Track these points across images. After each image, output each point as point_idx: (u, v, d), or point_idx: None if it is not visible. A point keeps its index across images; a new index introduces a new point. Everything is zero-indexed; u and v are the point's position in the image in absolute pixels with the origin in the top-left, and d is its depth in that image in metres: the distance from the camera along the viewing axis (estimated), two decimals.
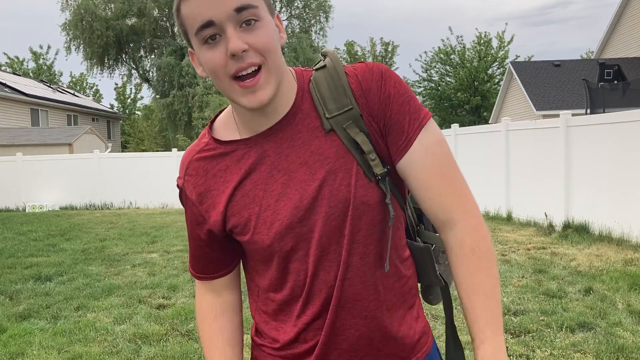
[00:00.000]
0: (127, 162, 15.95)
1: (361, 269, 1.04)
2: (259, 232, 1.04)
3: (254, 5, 0.92)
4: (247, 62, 0.92)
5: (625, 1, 20.94)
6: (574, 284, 5.18)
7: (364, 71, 1.03)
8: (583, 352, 3.63)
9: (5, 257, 7.75)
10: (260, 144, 1.03)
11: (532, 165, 8.94)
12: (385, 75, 1.02)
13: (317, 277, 1.04)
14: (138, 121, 41.43)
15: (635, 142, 6.97)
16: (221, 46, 0.92)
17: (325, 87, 1.03)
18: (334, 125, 1.01)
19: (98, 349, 4.05)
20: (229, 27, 0.91)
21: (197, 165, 1.08)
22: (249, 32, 0.92)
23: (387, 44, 38.62)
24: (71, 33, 31.08)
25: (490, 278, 1.02)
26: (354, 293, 1.04)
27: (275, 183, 1.02)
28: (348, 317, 1.05)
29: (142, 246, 8.46)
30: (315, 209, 1.01)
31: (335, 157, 1.01)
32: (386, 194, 1.01)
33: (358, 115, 1.01)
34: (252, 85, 0.94)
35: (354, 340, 1.06)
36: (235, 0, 0.90)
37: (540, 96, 21.00)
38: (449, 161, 1.03)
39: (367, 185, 1.01)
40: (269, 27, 0.94)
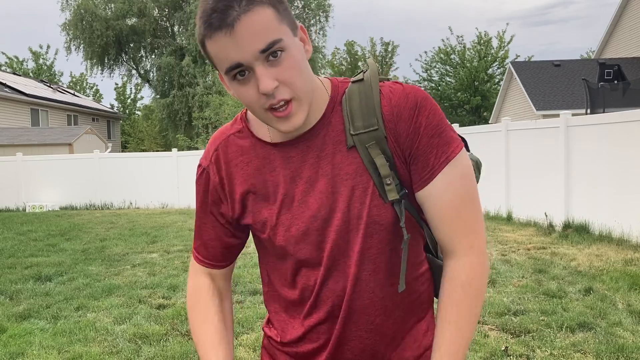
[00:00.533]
0: (127, 162, 15.95)
1: (369, 284, 1.06)
2: (277, 233, 1.07)
3: (277, 40, 0.92)
4: (278, 98, 0.94)
5: (625, 1, 20.94)
6: (574, 284, 5.18)
7: (399, 95, 1.02)
8: (583, 352, 3.63)
9: (5, 257, 7.75)
10: (286, 149, 1.06)
11: (532, 165, 8.94)
12: (420, 104, 1.01)
13: (325, 286, 1.07)
14: (138, 121, 41.42)
15: (635, 142, 6.96)
16: (252, 82, 0.94)
17: (357, 103, 1.03)
18: (356, 143, 1.02)
19: (98, 349, 4.05)
20: (257, 66, 0.92)
21: (225, 150, 1.11)
22: (276, 65, 0.93)
23: (387, 44, 38.61)
24: (71, 33, 31.08)
25: (468, 315, 1.04)
26: (361, 306, 1.07)
27: (297, 189, 1.05)
28: (354, 328, 1.08)
29: (142, 246, 8.46)
30: (331, 221, 1.04)
31: (354, 175, 1.03)
32: (400, 217, 1.02)
33: (382, 137, 1.01)
34: (285, 115, 0.96)
35: (358, 351, 1.10)
36: (259, 42, 0.91)
37: (540, 96, 21.00)
38: (468, 197, 1.04)
39: (381, 206, 1.03)
40: (294, 54, 0.95)
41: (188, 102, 29.52)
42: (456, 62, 33.49)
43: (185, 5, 30.74)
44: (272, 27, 0.91)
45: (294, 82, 0.95)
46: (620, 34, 21.63)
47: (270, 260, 1.15)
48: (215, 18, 0.90)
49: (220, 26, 0.90)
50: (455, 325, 1.02)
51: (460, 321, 1.03)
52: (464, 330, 1.03)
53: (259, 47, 0.91)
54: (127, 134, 39.77)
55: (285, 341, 1.16)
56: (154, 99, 33.57)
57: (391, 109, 1.02)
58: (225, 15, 0.90)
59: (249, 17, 0.90)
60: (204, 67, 29.52)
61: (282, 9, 0.94)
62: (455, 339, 1.02)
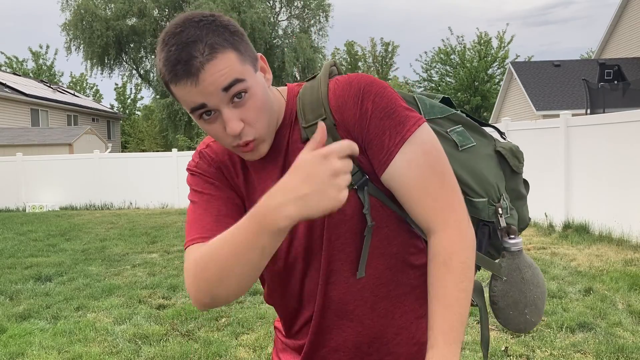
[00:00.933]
0: (127, 162, 15.95)
1: (344, 274, 1.07)
2: None
3: (239, 79, 0.94)
4: (244, 140, 0.98)
5: (625, 1, 20.95)
6: (574, 284, 5.18)
7: (342, 85, 1.04)
8: (583, 353, 3.63)
9: (5, 257, 7.75)
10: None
11: (532, 165, 8.90)
12: (364, 90, 1.02)
13: (307, 276, 1.09)
14: (138, 121, 41.43)
15: (635, 142, 6.97)
16: (218, 121, 0.97)
17: (307, 98, 1.06)
18: (309, 135, 1.04)
19: (98, 349, 4.05)
20: (223, 108, 0.95)
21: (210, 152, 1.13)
22: (241, 106, 0.96)
23: (388, 44, 38.64)
24: (71, 33, 31.09)
25: (456, 291, 1.01)
26: (339, 297, 1.09)
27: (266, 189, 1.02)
28: (334, 318, 1.10)
29: (142, 246, 8.46)
30: None
31: None
32: (364, 204, 1.03)
33: (332, 125, 1.03)
34: (249, 149, 1.01)
35: (341, 341, 1.11)
36: (220, 81, 0.92)
37: (540, 96, 21.01)
38: (435, 172, 1.01)
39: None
40: (257, 93, 0.97)
41: None
42: (456, 62, 33.51)
43: (185, 5, 30.75)
44: (235, 69, 0.94)
45: (258, 122, 0.98)
46: (620, 34, 21.64)
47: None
48: (179, 69, 0.92)
49: (184, 76, 0.92)
50: (444, 302, 1.00)
51: (447, 297, 1.00)
52: (454, 306, 1.00)
53: (222, 85, 0.93)
54: (127, 134, 39.78)
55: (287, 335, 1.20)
56: (154, 99, 33.58)
57: (336, 100, 1.03)
58: (189, 66, 0.91)
59: (213, 65, 0.92)
60: None
61: (243, 48, 0.96)
62: (446, 316, 0.99)
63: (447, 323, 0.99)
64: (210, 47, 0.92)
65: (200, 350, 3.92)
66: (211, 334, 4.28)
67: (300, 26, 33.82)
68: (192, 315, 4.71)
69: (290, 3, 33.49)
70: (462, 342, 1.00)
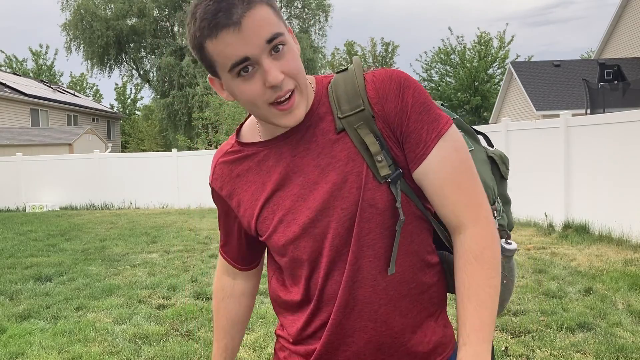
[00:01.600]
0: (127, 162, 15.95)
1: (371, 272, 1.05)
2: (278, 233, 1.09)
3: (280, 33, 0.96)
4: (285, 89, 0.97)
5: (625, 1, 20.94)
6: (574, 284, 5.18)
7: (382, 78, 1.04)
8: (583, 353, 3.63)
9: (5, 257, 7.75)
10: (278, 145, 1.08)
11: (532, 165, 8.93)
12: (404, 84, 1.03)
13: (330, 278, 1.06)
14: (138, 121, 41.44)
15: (635, 142, 6.97)
16: (257, 77, 0.96)
17: (342, 89, 1.05)
18: (345, 126, 1.03)
19: (98, 349, 4.05)
20: (264, 59, 0.95)
21: (223, 167, 1.16)
22: (279, 59, 0.96)
23: (388, 44, 38.64)
24: (71, 33, 31.10)
25: (488, 287, 1.00)
26: (364, 296, 1.05)
27: (292, 184, 1.06)
28: (357, 319, 1.06)
29: (142, 246, 8.46)
30: (328, 211, 1.03)
31: (346, 160, 1.03)
32: (396, 198, 1.02)
33: (370, 117, 1.02)
34: (289, 107, 0.99)
35: (362, 343, 1.08)
36: (265, 33, 0.94)
37: (540, 96, 21.01)
38: (466, 169, 1.03)
39: (376, 188, 1.02)
40: (293, 48, 0.99)
41: (188, 102, 29.52)
42: (456, 62, 33.50)
43: (185, 5, 30.73)
44: (273, 21, 0.95)
45: (297, 73, 0.98)
46: (620, 34, 21.64)
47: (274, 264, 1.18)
48: (221, 17, 0.91)
49: (227, 24, 0.92)
50: (477, 299, 0.99)
51: (480, 294, 0.99)
52: (486, 302, 0.99)
53: (266, 37, 0.93)
54: (127, 134, 39.77)
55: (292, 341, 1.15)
56: (154, 99, 33.58)
57: (376, 92, 1.03)
58: (231, 14, 0.91)
59: (253, 14, 0.92)
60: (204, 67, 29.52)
61: (276, 7, 0.98)
62: (478, 314, 0.98)
63: (479, 321, 0.98)
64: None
65: (200, 350, 3.92)
66: (211, 334, 4.28)
67: (300, 26, 33.82)
68: (192, 315, 4.71)
69: (290, 3, 33.48)
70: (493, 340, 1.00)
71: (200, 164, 15.29)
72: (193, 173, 15.20)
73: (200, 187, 15.05)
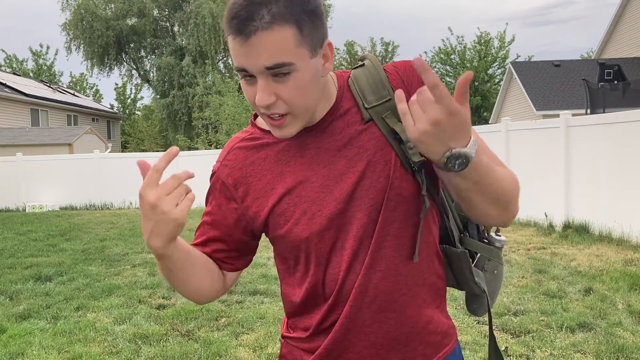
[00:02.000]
0: (127, 163, 15.93)
1: (394, 261, 1.05)
2: (300, 225, 1.05)
3: (287, 64, 0.92)
4: (272, 111, 0.97)
5: (625, 1, 20.94)
6: (574, 284, 5.18)
7: (404, 67, 1.07)
8: (583, 353, 3.63)
9: (5, 257, 7.75)
10: (301, 137, 1.06)
11: (532, 165, 8.93)
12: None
13: (352, 270, 1.05)
14: (138, 121, 41.43)
15: (635, 142, 6.96)
16: (254, 87, 0.96)
17: (365, 82, 1.07)
18: (373, 116, 1.05)
19: (98, 349, 4.05)
20: (259, 78, 0.94)
21: (238, 152, 1.12)
22: (281, 83, 0.94)
23: (388, 44, 38.64)
24: (71, 33, 31.11)
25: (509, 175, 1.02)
26: (385, 286, 1.05)
27: (316, 176, 1.05)
28: (378, 310, 1.06)
29: (142, 246, 8.46)
30: (355, 201, 1.03)
31: (374, 150, 1.04)
32: (422, 186, 1.03)
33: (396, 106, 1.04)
34: (278, 125, 0.99)
35: (381, 334, 1.07)
36: (267, 59, 0.91)
37: (541, 96, 21.01)
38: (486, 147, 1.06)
39: (403, 177, 1.03)
40: (303, 77, 0.95)
41: (188, 102, 29.53)
42: (456, 62, 33.51)
43: (185, 5, 30.75)
44: (286, 49, 0.91)
45: (293, 101, 0.96)
46: (620, 34, 21.64)
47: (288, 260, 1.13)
48: (234, 24, 0.92)
49: (236, 33, 0.92)
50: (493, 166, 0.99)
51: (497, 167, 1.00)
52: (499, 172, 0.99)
53: (266, 64, 0.92)
54: (127, 134, 39.77)
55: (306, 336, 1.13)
56: (154, 99, 33.58)
57: (401, 79, 1.05)
58: (244, 26, 0.90)
59: (266, 35, 0.90)
60: (203, 67, 29.54)
61: (307, 27, 0.93)
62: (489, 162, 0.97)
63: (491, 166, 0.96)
64: (272, 15, 0.90)
65: (200, 350, 3.92)
66: (211, 334, 4.28)
67: None
68: (192, 315, 4.71)
69: None
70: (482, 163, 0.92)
71: (200, 164, 15.27)
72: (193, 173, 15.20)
73: (200, 187, 14.87)
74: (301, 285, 1.11)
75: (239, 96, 16.39)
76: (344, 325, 1.07)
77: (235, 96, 16.29)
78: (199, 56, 29.86)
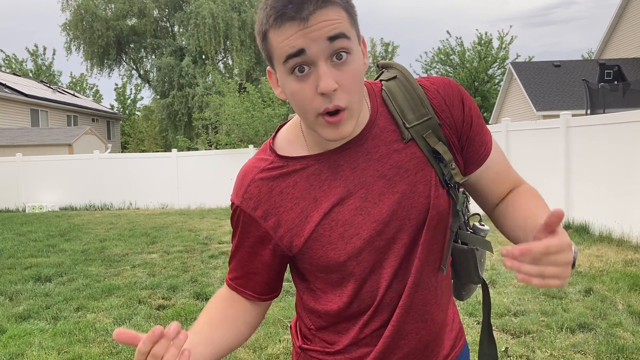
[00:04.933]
0: (127, 163, 15.94)
1: (429, 274, 1.07)
2: (336, 248, 1.02)
3: (346, 35, 0.91)
4: (334, 104, 0.91)
5: (625, 2, 20.94)
6: (574, 285, 5.18)
7: (443, 85, 1.05)
8: (583, 353, 3.63)
9: (5, 258, 7.74)
10: (332, 159, 1.03)
11: (532, 165, 8.93)
12: (462, 91, 1.07)
13: (390, 288, 1.04)
14: (138, 122, 41.42)
15: (635, 143, 6.96)
16: (310, 80, 0.91)
17: (402, 98, 1.04)
18: (414, 135, 1.03)
19: (98, 349, 4.04)
20: (321, 61, 0.90)
21: (260, 183, 1.06)
22: (339, 67, 0.91)
23: (387, 45, 38.65)
24: (71, 33, 31.07)
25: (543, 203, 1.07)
26: (422, 299, 1.06)
27: (352, 197, 1.02)
28: (412, 322, 1.07)
29: (141, 247, 8.45)
30: (395, 222, 1.02)
31: (415, 170, 1.02)
32: (456, 202, 1.06)
33: (437, 125, 1.03)
34: (336, 121, 0.93)
35: (413, 344, 1.08)
36: (329, 28, 0.89)
37: (541, 97, 21.01)
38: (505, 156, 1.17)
39: (441, 195, 1.04)
40: (357, 62, 0.94)
41: (188, 102, 29.51)
42: (456, 62, 33.50)
43: (185, 5, 30.74)
44: (343, 24, 0.91)
45: (352, 90, 0.93)
46: (620, 34, 21.64)
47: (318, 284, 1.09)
48: (290, 9, 0.88)
49: (294, 17, 0.88)
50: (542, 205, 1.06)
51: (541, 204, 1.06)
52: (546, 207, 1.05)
53: (328, 33, 0.89)
54: (127, 135, 39.76)
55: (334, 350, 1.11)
56: (153, 100, 33.57)
57: (441, 99, 1.04)
58: (301, 8, 0.88)
59: (324, 13, 0.89)
60: (203, 67, 29.52)
61: (353, 15, 0.94)
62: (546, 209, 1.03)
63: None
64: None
65: None
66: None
67: None
68: (192, 315, 4.71)
69: None
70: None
71: (200, 165, 15.29)
72: (193, 173, 15.21)
73: (200, 187, 15.06)
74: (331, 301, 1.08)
75: (240, 96, 16.36)
76: (385, 344, 1.07)
77: (236, 96, 16.26)
78: (199, 57, 29.85)
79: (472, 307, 4.53)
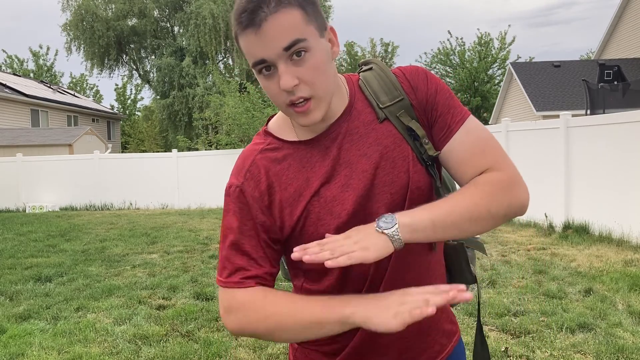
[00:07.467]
0: (127, 163, 15.95)
1: (420, 253, 1.11)
2: (325, 224, 1.06)
3: (301, 39, 0.96)
4: (297, 95, 0.99)
5: (625, 2, 20.94)
6: (574, 285, 5.18)
7: (411, 71, 1.13)
8: (583, 353, 3.63)
9: (5, 258, 7.75)
10: (321, 143, 1.10)
11: (532, 165, 8.94)
12: (429, 75, 1.13)
13: (380, 265, 1.06)
14: (138, 122, 41.41)
15: (635, 143, 6.96)
16: (275, 78, 0.99)
17: (376, 83, 1.13)
18: (387, 115, 1.10)
19: (98, 349, 4.05)
20: (279, 63, 0.97)
21: (260, 164, 1.11)
22: (299, 64, 0.98)
23: (387, 45, 38.63)
24: (72, 33, 31.09)
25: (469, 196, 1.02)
26: (411, 278, 1.09)
27: (339, 176, 1.08)
28: None
29: (142, 247, 8.46)
30: (376, 197, 1.07)
31: (392, 146, 1.09)
32: (435, 179, 1.10)
33: (409, 105, 1.10)
34: (303, 110, 1.01)
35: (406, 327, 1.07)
36: (283, 40, 0.95)
37: (541, 97, 21.00)
38: (490, 141, 1.09)
39: (420, 171, 1.09)
40: (318, 55, 0.99)
41: (188, 102, 29.53)
42: (456, 63, 33.49)
43: (185, 5, 30.75)
44: (297, 28, 0.96)
45: (314, 82, 0.99)
46: (620, 34, 21.64)
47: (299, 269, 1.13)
48: (244, 18, 0.96)
49: (248, 25, 0.96)
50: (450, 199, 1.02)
51: (456, 196, 1.02)
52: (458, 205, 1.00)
53: (282, 44, 0.95)
54: (127, 135, 39.76)
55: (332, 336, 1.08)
56: (154, 100, 33.58)
57: (408, 83, 1.11)
58: (254, 15, 0.95)
59: (276, 18, 0.95)
60: (204, 67, 29.54)
61: (311, 10, 0.99)
62: (439, 204, 1.00)
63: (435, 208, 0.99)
64: (276, 1, 0.95)
65: (200, 350, 3.92)
66: (211, 334, 4.28)
67: None
68: (192, 315, 4.71)
69: None
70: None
71: (201, 165, 15.30)
72: (193, 173, 15.21)
73: (200, 187, 15.06)
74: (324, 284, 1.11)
75: (240, 96, 16.36)
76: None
77: (236, 96, 16.26)
78: (199, 57, 29.86)
79: (472, 307, 4.53)
